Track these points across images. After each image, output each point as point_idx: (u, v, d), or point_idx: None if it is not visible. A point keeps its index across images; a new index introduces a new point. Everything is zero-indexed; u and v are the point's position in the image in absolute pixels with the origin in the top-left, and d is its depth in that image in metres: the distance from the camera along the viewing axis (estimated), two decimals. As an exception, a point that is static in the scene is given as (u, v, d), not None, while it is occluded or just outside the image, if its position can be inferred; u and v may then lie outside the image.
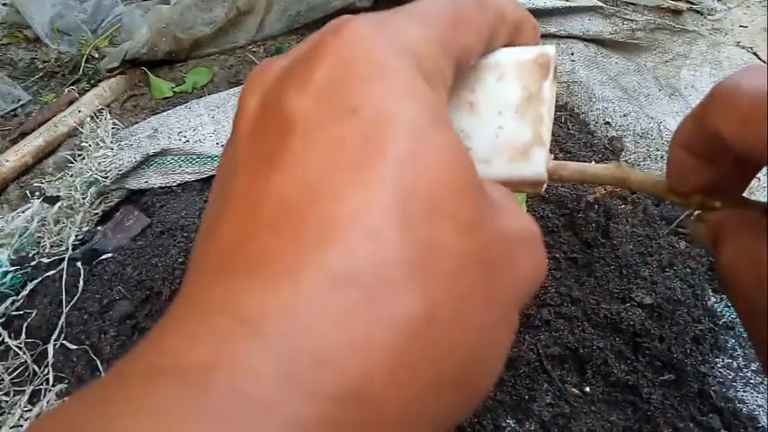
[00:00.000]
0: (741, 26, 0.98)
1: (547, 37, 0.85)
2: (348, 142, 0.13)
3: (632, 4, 0.96)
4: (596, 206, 0.64)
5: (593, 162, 0.72)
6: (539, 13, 0.84)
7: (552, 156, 0.21)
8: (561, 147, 0.73)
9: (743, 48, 0.92)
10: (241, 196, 0.13)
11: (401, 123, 0.13)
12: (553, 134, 0.75)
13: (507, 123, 0.18)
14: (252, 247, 0.12)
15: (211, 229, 0.14)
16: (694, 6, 0.98)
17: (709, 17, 0.98)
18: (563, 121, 0.78)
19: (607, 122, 0.78)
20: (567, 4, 0.84)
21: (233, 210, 0.13)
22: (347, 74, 0.14)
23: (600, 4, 0.85)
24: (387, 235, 0.12)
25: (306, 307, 0.11)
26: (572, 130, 0.77)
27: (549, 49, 0.19)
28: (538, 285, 0.17)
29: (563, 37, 0.84)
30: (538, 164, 0.18)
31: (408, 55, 0.14)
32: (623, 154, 0.75)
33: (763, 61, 0.89)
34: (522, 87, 0.18)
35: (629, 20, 0.85)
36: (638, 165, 0.74)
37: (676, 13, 0.97)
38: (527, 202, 0.66)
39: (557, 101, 0.89)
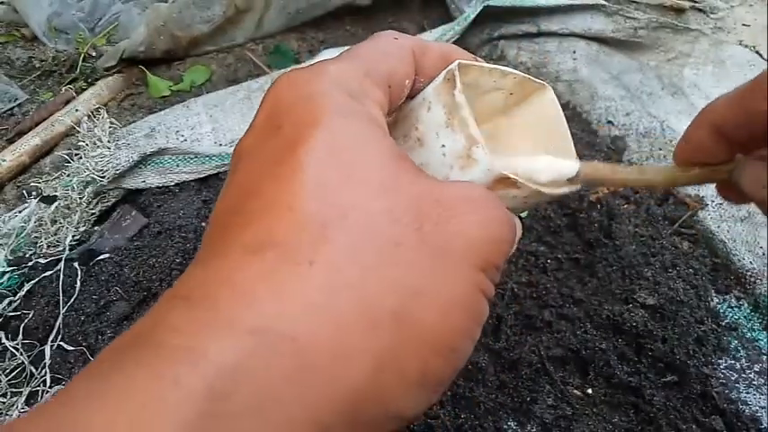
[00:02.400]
0: (744, 25, 0.97)
1: (549, 35, 0.84)
2: (274, 151, 0.16)
3: (635, 2, 0.95)
4: (599, 206, 0.63)
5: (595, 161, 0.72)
6: (540, 11, 0.83)
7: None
8: (563, 146, 0.73)
9: (745, 46, 0.92)
10: (214, 213, 0.18)
11: (319, 124, 0.16)
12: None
13: (445, 140, 0.20)
14: (206, 246, 0.17)
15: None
16: (697, 5, 0.98)
17: (711, 16, 0.98)
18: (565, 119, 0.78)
19: (610, 121, 0.77)
20: (570, 2, 0.83)
21: (207, 230, 0.18)
22: (278, 108, 0.18)
23: (602, 2, 0.85)
24: (299, 206, 0.15)
25: (229, 273, 0.15)
26: (574, 129, 0.76)
27: (453, 64, 0.21)
28: (496, 243, 0.18)
29: (565, 35, 0.83)
30: (483, 162, 0.19)
31: (331, 82, 0.18)
32: (626, 153, 0.75)
33: (766, 60, 0.88)
34: (443, 106, 0.20)
35: (631, 18, 0.84)
36: (641, 163, 0.74)
37: (679, 11, 0.96)
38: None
39: (559, 99, 0.89)
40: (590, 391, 0.55)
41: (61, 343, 0.56)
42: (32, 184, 0.73)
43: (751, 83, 0.19)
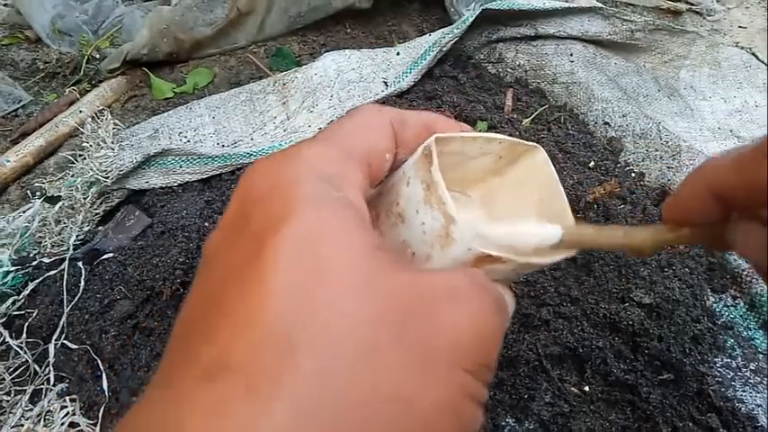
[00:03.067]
0: (740, 27, 0.98)
1: (546, 38, 0.85)
2: (239, 252, 0.15)
3: (631, 4, 0.96)
4: (596, 206, 0.64)
5: (591, 162, 0.72)
6: (538, 14, 0.84)
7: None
8: (561, 147, 0.73)
9: (742, 48, 0.93)
10: (177, 321, 0.17)
11: (288, 217, 0.15)
12: (553, 134, 0.75)
13: (425, 218, 0.19)
14: (164, 363, 0.16)
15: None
16: (693, 7, 0.99)
17: (708, 18, 0.99)
18: (562, 121, 0.78)
19: (606, 123, 0.78)
20: (567, 4, 0.84)
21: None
22: (246, 200, 0.17)
23: (599, 5, 0.86)
24: (263, 318, 0.13)
25: (181, 396, 0.13)
26: (571, 131, 0.77)
27: (431, 138, 0.20)
28: (485, 341, 0.16)
29: (562, 38, 0.84)
30: (462, 241, 0.18)
31: (304, 167, 0.17)
32: (622, 154, 0.76)
33: (762, 62, 0.89)
34: (421, 182, 0.19)
35: (628, 21, 0.85)
36: (638, 164, 0.75)
37: (675, 13, 0.97)
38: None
39: (556, 101, 0.88)
40: (587, 388, 0.55)
41: (65, 342, 0.57)
42: (36, 184, 0.74)
43: (751, 150, 0.18)
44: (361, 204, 0.17)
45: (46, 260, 0.62)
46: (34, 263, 0.62)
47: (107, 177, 0.68)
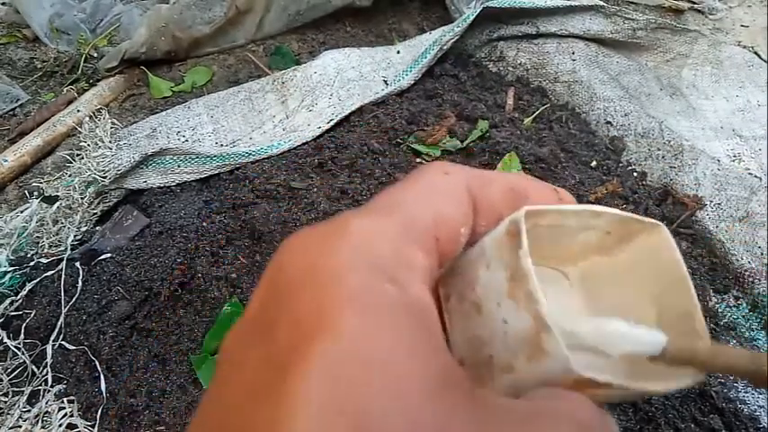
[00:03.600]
0: (742, 25, 0.98)
1: (548, 36, 0.84)
2: (261, 366, 0.12)
3: (633, 3, 0.96)
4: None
5: (593, 162, 0.72)
6: (539, 13, 0.83)
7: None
8: (563, 146, 0.73)
9: (744, 47, 0.92)
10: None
11: (325, 329, 0.11)
12: (555, 134, 0.75)
13: (508, 315, 0.15)
14: None
15: None
16: (695, 6, 0.98)
17: (710, 16, 0.98)
18: (564, 120, 0.78)
19: (608, 122, 0.77)
20: (569, 3, 0.84)
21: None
22: (276, 288, 0.13)
23: (601, 3, 0.85)
24: None
25: None
26: (573, 130, 0.76)
27: (519, 212, 0.16)
28: None
29: (564, 36, 0.84)
30: (557, 357, 0.14)
31: (352, 251, 0.13)
32: (624, 153, 0.75)
33: (765, 60, 0.89)
34: (504, 268, 0.15)
35: (630, 19, 0.85)
36: (640, 164, 0.74)
37: (677, 12, 0.96)
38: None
39: (558, 100, 0.87)
40: (589, 390, 0.55)
41: (63, 342, 0.57)
42: (34, 184, 0.73)
43: None
44: (427, 303, 0.13)
45: (43, 260, 0.61)
46: (32, 263, 0.61)
47: (105, 177, 0.67)
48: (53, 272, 0.60)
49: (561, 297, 0.19)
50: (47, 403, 0.54)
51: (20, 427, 0.53)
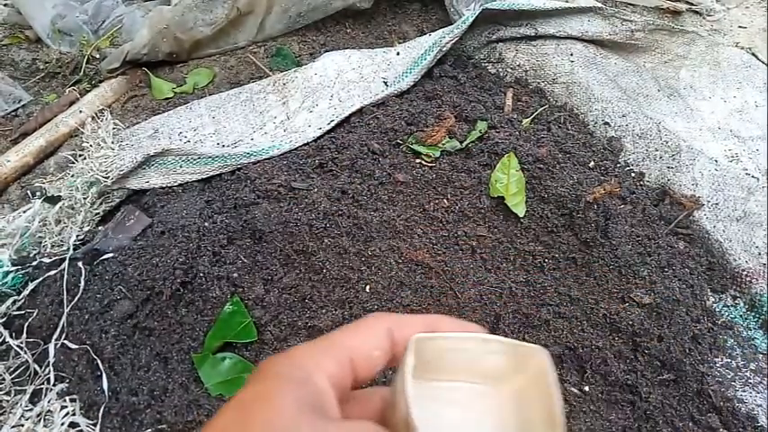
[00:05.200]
0: (740, 27, 0.98)
1: (546, 38, 0.85)
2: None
3: (631, 4, 0.96)
4: (596, 206, 0.64)
5: (591, 162, 0.72)
6: (537, 14, 0.84)
7: None
8: (561, 147, 0.73)
9: (742, 48, 0.93)
10: None
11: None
12: (553, 134, 0.75)
13: (397, 415, 0.20)
14: None
15: None
16: (693, 7, 0.99)
17: (708, 18, 0.99)
18: (562, 121, 0.78)
19: (606, 123, 0.78)
20: (567, 4, 0.84)
21: None
22: (248, 379, 0.19)
23: (599, 4, 0.86)
24: None
25: None
26: (571, 131, 0.77)
27: (411, 339, 0.21)
28: None
29: (562, 38, 0.84)
30: None
31: (288, 358, 0.20)
32: (622, 154, 0.76)
33: (762, 62, 0.89)
34: (400, 380, 0.20)
35: (628, 21, 0.85)
36: (637, 164, 0.75)
37: (675, 13, 0.97)
38: (526, 201, 0.66)
39: (556, 101, 0.88)
40: (587, 388, 0.55)
41: (65, 341, 0.57)
42: (37, 184, 0.74)
43: None
44: (322, 387, 0.20)
45: (46, 260, 0.62)
46: (34, 263, 0.62)
47: (107, 177, 0.68)
48: (55, 271, 0.61)
49: (471, 408, 0.23)
50: (49, 402, 0.54)
51: (22, 425, 0.53)
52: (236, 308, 0.57)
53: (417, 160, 0.71)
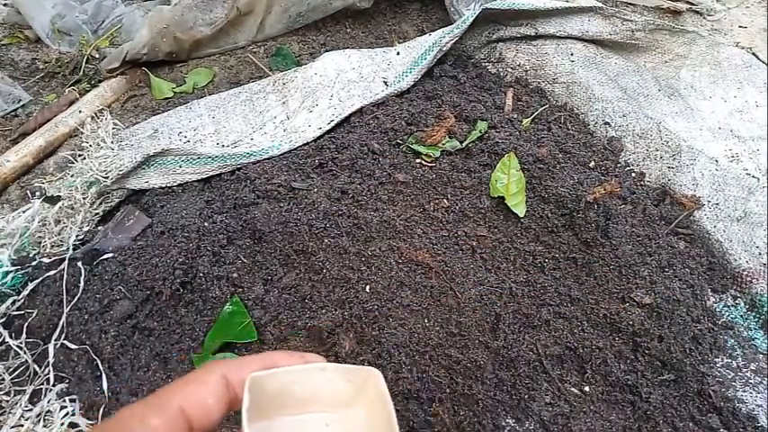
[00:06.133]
0: (740, 27, 0.98)
1: (546, 38, 0.85)
2: None
3: (632, 4, 0.96)
4: (596, 206, 0.64)
5: (592, 162, 0.72)
6: (537, 14, 0.84)
7: None
8: (561, 147, 0.73)
9: (742, 48, 0.93)
10: None
11: None
12: (553, 134, 0.75)
13: None
14: None
15: None
16: (694, 7, 0.98)
17: (708, 18, 0.99)
18: (563, 121, 0.78)
19: (606, 123, 0.78)
20: (567, 4, 0.84)
21: None
22: None
23: (599, 4, 0.86)
24: None
25: None
26: (571, 131, 0.77)
27: (247, 379, 0.23)
28: None
29: (562, 38, 0.84)
30: None
31: (116, 423, 0.21)
32: (623, 154, 0.76)
33: (763, 62, 0.89)
34: (244, 418, 0.22)
35: (628, 20, 0.85)
36: (638, 164, 0.75)
37: (676, 13, 0.97)
38: (527, 201, 0.66)
39: (557, 101, 0.88)
40: (587, 388, 0.55)
41: (65, 341, 0.57)
42: (36, 184, 0.74)
43: None
44: None
45: (45, 260, 0.62)
46: (34, 263, 0.62)
47: (107, 177, 0.68)
48: (55, 271, 0.61)
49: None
50: (49, 402, 0.54)
51: (22, 425, 0.53)
52: (235, 308, 0.57)
53: (417, 160, 0.71)
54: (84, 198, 0.67)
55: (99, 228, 0.68)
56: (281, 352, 0.25)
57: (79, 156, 0.73)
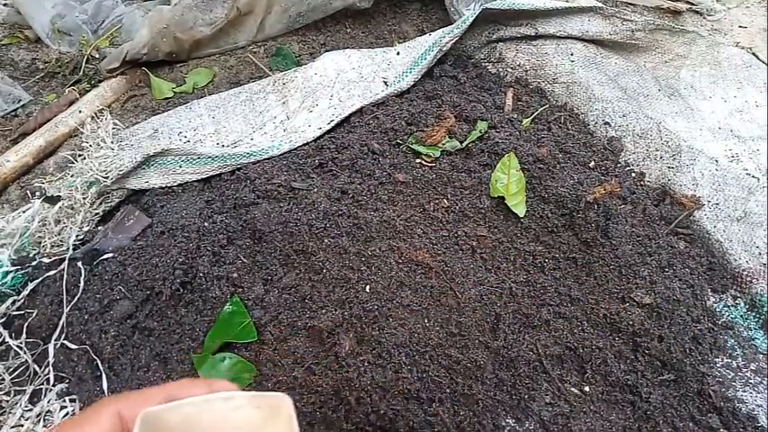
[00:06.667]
0: (740, 27, 0.98)
1: (546, 38, 0.85)
2: None
3: (632, 4, 0.96)
4: (596, 206, 0.64)
5: (592, 162, 0.72)
6: (537, 14, 0.84)
7: None
8: (561, 147, 0.73)
9: (742, 48, 0.93)
10: None
11: None
12: (553, 134, 0.75)
13: None
14: None
15: None
16: (694, 7, 0.98)
17: (708, 18, 0.99)
18: (563, 121, 0.78)
19: (606, 123, 0.78)
20: (567, 4, 0.84)
21: None
22: None
23: (599, 4, 0.86)
24: None
25: None
26: (571, 131, 0.77)
27: (138, 416, 0.23)
28: None
29: (562, 38, 0.84)
30: None
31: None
32: (623, 154, 0.76)
33: (763, 62, 0.89)
34: None
35: (628, 20, 0.85)
36: (638, 164, 0.75)
37: (676, 13, 0.97)
38: (527, 201, 0.66)
39: (557, 101, 0.88)
40: (587, 388, 0.55)
41: (65, 341, 0.57)
42: (36, 184, 0.73)
43: None
44: None
45: (46, 260, 0.62)
46: (34, 263, 0.62)
47: (107, 177, 0.68)
48: (55, 271, 0.61)
49: None
50: (48, 402, 0.54)
51: (22, 425, 0.53)
52: (235, 308, 0.57)
53: (417, 160, 0.71)
54: (84, 198, 0.67)
55: (99, 228, 0.68)
56: (186, 381, 0.25)
57: (79, 156, 0.73)
